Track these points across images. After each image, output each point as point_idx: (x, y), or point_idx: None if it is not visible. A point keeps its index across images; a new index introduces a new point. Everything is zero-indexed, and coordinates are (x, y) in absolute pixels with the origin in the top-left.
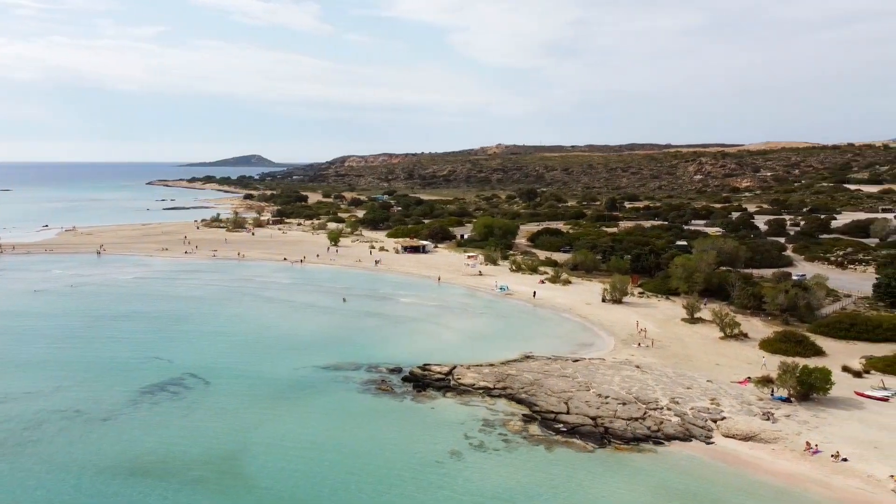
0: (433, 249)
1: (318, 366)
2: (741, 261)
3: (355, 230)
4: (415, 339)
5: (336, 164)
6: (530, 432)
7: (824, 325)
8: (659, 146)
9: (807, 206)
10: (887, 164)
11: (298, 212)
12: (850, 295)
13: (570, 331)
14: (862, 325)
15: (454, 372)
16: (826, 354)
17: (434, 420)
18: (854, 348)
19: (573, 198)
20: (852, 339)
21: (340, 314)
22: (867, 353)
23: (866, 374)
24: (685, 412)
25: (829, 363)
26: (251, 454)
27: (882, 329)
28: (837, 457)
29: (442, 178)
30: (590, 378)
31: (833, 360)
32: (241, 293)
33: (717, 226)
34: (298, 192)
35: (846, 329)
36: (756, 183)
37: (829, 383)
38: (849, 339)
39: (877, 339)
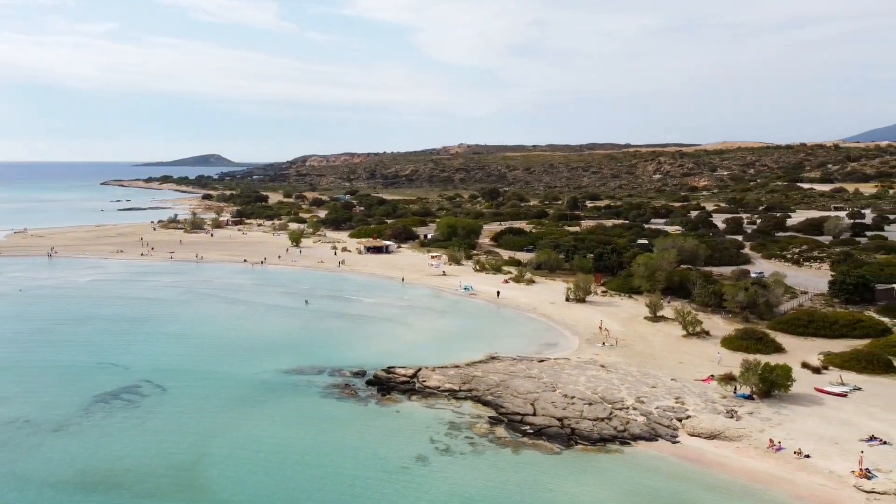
0: (396, 250)
1: (279, 370)
2: (701, 259)
3: (317, 231)
4: (379, 341)
5: (297, 163)
6: (497, 435)
7: (783, 322)
8: (618, 146)
9: (763, 205)
10: (838, 163)
11: (259, 212)
12: (807, 292)
13: (535, 330)
14: (819, 321)
15: (419, 374)
16: (786, 351)
17: (399, 424)
18: (812, 344)
19: (535, 197)
20: (810, 336)
21: (302, 316)
22: (825, 349)
23: (825, 370)
24: (651, 411)
25: (788, 360)
26: (210, 464)
27: (838, 325)
28: (800, 453)
29: (404, 178)
30: (555, 378)
31: (792, 357)
32: (200, 296)
33: (677, 224)
34: (259, 192)
35: (804, 326)
36: (713, 182)
37: (791, 380)
38: (807, 335)
39: (833, 336)
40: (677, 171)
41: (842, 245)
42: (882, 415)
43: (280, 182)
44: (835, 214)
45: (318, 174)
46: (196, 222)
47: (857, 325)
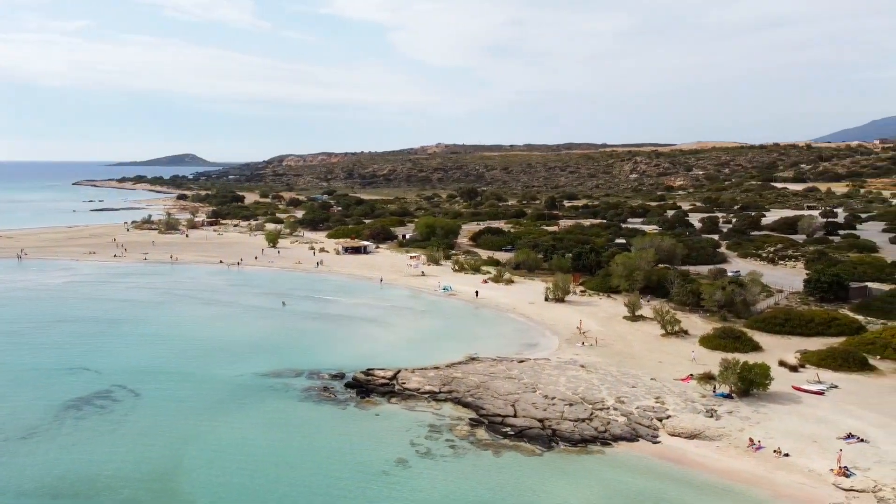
0: (375, 250)
1: (257, 373)
2: (678, 258)
3: (294, 231)
4: (357, 342)
5: (274, 163)
6: (478, 437)
7: (760, 321)
8: (595, 145)
9: (737, 204)
10: (810, 163)
11: (235, 212)
12: (783, 290)
13: (515, 331)
14: (795, 320)
15: (399, 376)
16: (763, 349)
17: (379, 427)
18: (789, 343)
19: (513, 197)
20: (787, 334)
21: (280, 318)
22: (801, 347)
23: (802, 368)
24: (631, 411)
25: (765, 358)
26: (186, 470)
27: (814, 324)
28: (779, 452)
29: (382, 178)
30: (536, 379)
31: (770, 355)
32: (175, 298)
33: (654, 224)
34: (235, 192)
35: (781, 324)
36: (689, 181)
37: (769, 379)
38: (783, 333)
39: (809, 334)
40: (653, 171)
41: (815, 244)
42: (858, 412)
43: (256, 182)
44: (808, 214)
45: (295, 174)
46: (171, 223)
47: (833, 324)
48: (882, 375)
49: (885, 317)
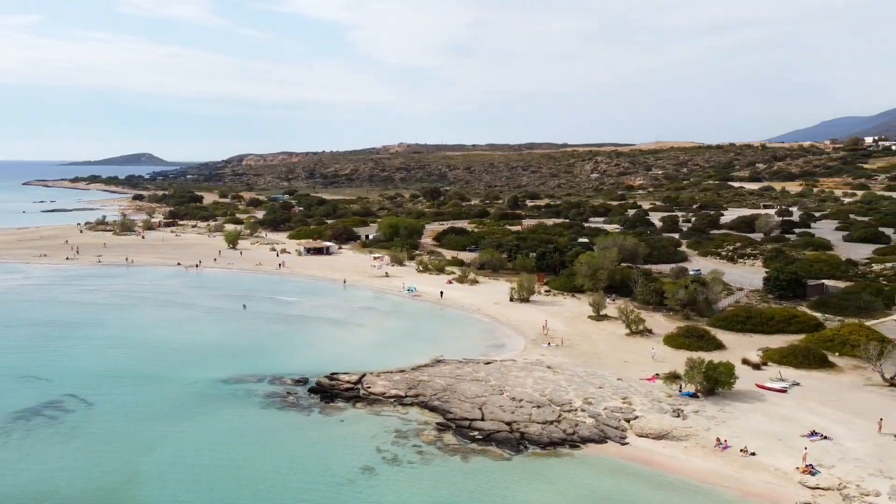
0: (337, 251)
1: (216, 379)
2: (641, 257)
3: (255, 232)
4: (321, 346)
5: (233, 162)
6: (445, 442)
7: (722, 319)
8: (556, 145)
9: (696, 203)
10: (765, 162)
11: (193, 213)
12: (742, 288)
13: (480, 332)
14: (756, 317)
15: (364, 380)
16: (726, 348)
17: (344, 434)
18: (750, 341)
19: (476, 196)
20: (748, 332)
21: (241, 322)
22: (763, 344)
23: (764, 366)
24: (599, 413)
25: (729, 356)
26: (143, 483)
27: (775, 321)
28: (746, 451)
29: (344, 178)
30: (502, 381)
31: (732, 354)
32: (130, 301)
33: (616, 223)
34: (193, 192)
35: (742, 322)
36: (648, 181)
37: (734, 378)
38: (745, 331)
39: (770, 331)
40: (614, 171)
41: (773, 242)
42: (820, 409)
43: (215, 182)
44: (765, 212)
45: (255, 174)
46: (126, 224)
47: (793, 321)
48: (841, 372)
49: (842, 313)
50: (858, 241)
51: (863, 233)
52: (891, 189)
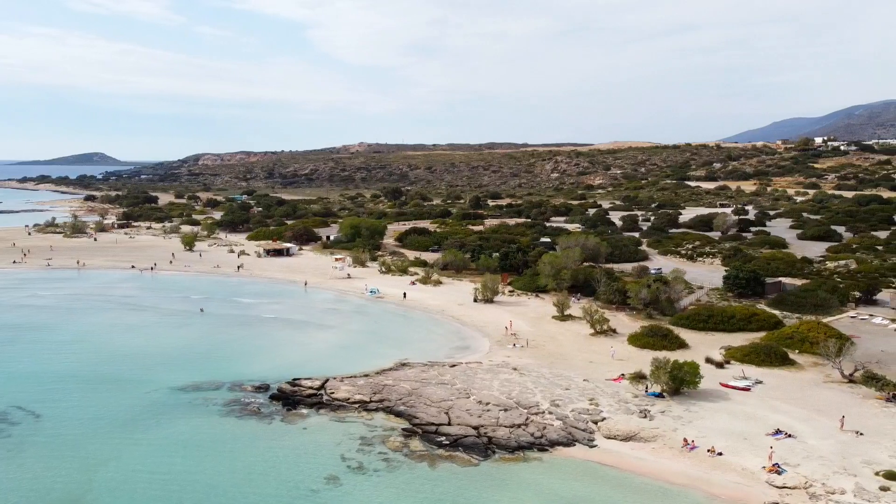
0: (298, 252)
1: (173, 387)
2: (603, 256)
3: (212, 233)
4: (282, 351)
5: (189, 162)
6: (412, 448)
7: (684, 318)
8: (517, 145)
9: (655, 203)
10: (720, 162)
11: (148, 214)
12: (703, 287)
13: (445, 334)
14: (718, 316)
15: (327, 385)
16: (689, 346)
17: (307, 442)
18: (713, 339)
19: (438, 196)
20: (710, 330)
21: (198, 327)
22: (724, 343)
23: (727, 364)
24: (566, 415)
25: (692, 355)
26: (96, 498)
27: (735, 320)
28: (713, 451)
29: (304, 177)
30: (469, 384)
31: (696, 352)
32: (81, 307)
33: (577, 222)
34: (148, 192)
35: (704, 321)
36: (607, 180)
37: (699, 377)
38: (707, 329)
39: (732, 329)
40: (573, 170)
41: (730, 241)
42: (784, 407)
43: (171, 182)
44: (722, 211)
45: (213, 173)
46: (77, 226)
47: (753, 319)
48: (802, 369)
49: (799, 311)
50: (812, 239)
51: (816, 231)
52: (840, 188)
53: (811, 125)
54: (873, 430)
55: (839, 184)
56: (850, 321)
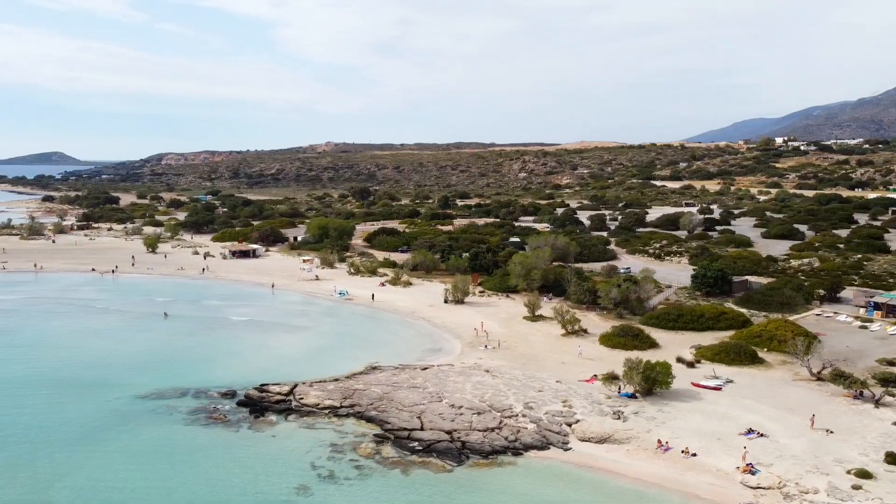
0: (265, 253)
1: (135, 395)
2: (572, 256)
3: (176, 234)
4: (249, 355)
5: (152, 161)
6: (384, 455)
7: (654, 317)
8: (484, 145)
9: (622, 202)
10: (685, 162)
11: (109, 215)
12: (671, 286)
13: (416, 336)
14: (687, 315)
15: (296, 391)
16: (660, 346)
17: (276, 450)
18: (683, 338)
19: (406, 196)
20: (680, 329)
21: (161, 332)
22: (694, 342)
23: (698, 363)
24: (540, 417)
25: (663, 354)
26: None
27: (705, 318)
28: (687, 452)
29: (270, 177)
30: (441, 387)
31: (666, 352)
32: (39, 311)
33: (545, 222)
34: (109, 192)
35: (674, 320)
36: (574, 180)
37: (671, 377)
38: (677, 329)
39: (701, 328)
40: (541, 170)
41: (697, 239)
42: (755, 406)
43: (133, 182)
44: (688, 210)
45: (176, 173)
46: (35, 227)
47: (722, 318)
48: (771, 368)
49: (766, 309)
50: (775, 237)
51: (779, 230)
52: (801, 187)
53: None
54: (843, 428)
55: (800, 183)
56: (816, 319)
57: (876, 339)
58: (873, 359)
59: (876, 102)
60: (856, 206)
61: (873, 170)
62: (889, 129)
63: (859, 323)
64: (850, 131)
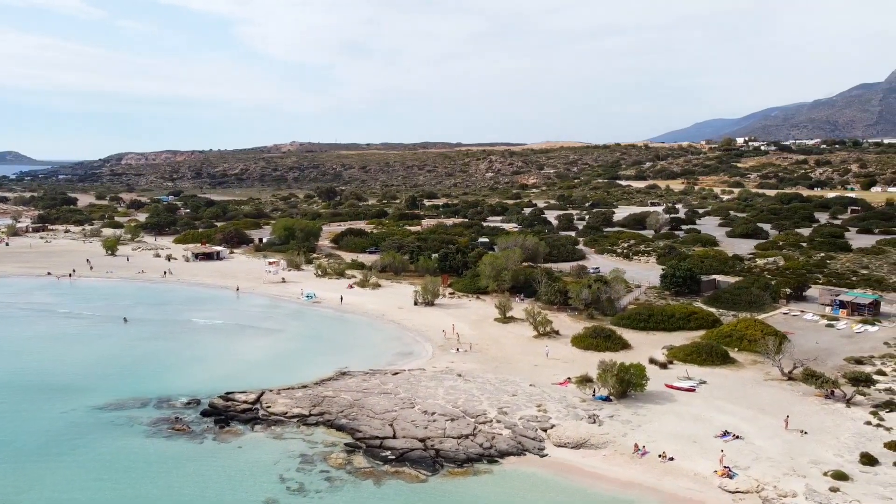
0: (229, 255)
1: (93, 406)
2: (541, 256)
3: (136, 236)
4: (214, 362)
5: (111, 161)
6: (356, 465)
7: (626, 318)
8: (450, 145)
9: (589, 201)
10: (649, 162)
11: (66, 217)
12: (640, 285)
13: (386, 339)
14: (658, 315)
15: (263, 399)
16: (632, 347)
17: (242, 463)
18: (654, 339)
19: (373, 196)
20: (651, 330)
21: (121, 338)
22: (665, 342)
23: (670, 364)
24: (515, 423)
25: (635, 355)
26: None
27: (675, 319)
28: (664, 456)
29: (234, 177)
30: (413, 393)
31: (639, 353)
32: None
33: (514, 222)
34: (66, 193)
35: (645, 320)
36: (541, 180)
37: (645, 379)
38: (648, 329)
39: (672, 328)
40: (508, 170)
41: (663, 239)
42: (728, 407)
43: (92, 182)
44: (654, 210)
45: (137, 173)
46: None
47: (692, 318)
48: (742, 368)
49: (734, 308)
50: (740, 236)
51: (744, 229)
52: (763, 186)
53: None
54: (816, 429)
55: (761, 182)
56: (783, 318)
57: (842, 337)
58: (841, 357)
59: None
60: (816, 206)
61: (831, 169)
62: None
63: (825, 321)
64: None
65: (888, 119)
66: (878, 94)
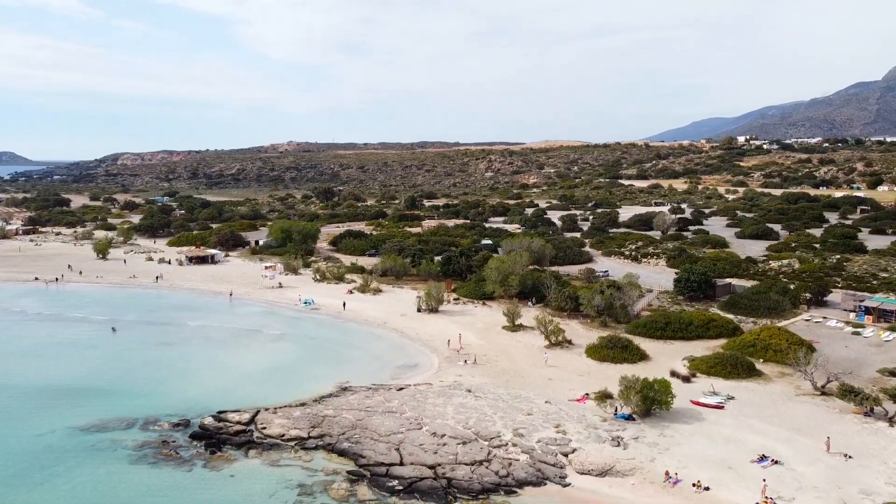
0: (224, 259)
1: (73, 426)
2: (548, 259)
3: (129, 239)
4: (205, 376)
5: (107, 162)
6: (360, 497)
7: (641, 326)
8: (449, 144)
9: (591, 201)
10: (650, 161)
11: (58, 218)
12: (652, 290)
13: (389, 349)
14: (675, 323)
15: (258, 419)
16: (650, 358)
17: (235, 494)
18: (672, 348)
19: (372, 196)
20: (668, 339)
21: (108, 349)
22: (684, 352)
23: (693, 377)
24: (532, 447)
25: (654, 368)
26: None
27: (693, 326)
28: (699, 486)
29: (230, 178)
30: (420, 411)
31: (658, 364)
32: None
33: (516, 222)
34: (60, 194)
35: (662, 328)
36: (541, 179)
37: (671, 396)
38: (665, 338)
39: (690, 337)
40: (507, 169)
41: (671, 240)
42: (761, 426)
43: (86, 183)
44: (660, 210)
45: (132, 174)
46: None
47: (711, 325)
48: (770, 381)
49: (753, 314)
50: (750, 237)
51: (753, 229)
52: (767, 186)
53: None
54: (860, 452)
55: (766, 182)
56: (805, 324)
57: (871, 346)
58: (873, 368)
59: (828, 102)
60: (824, 205)
61: (836, 168)
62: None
63: (851, 329)
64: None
65: (886, 117)
66: (876, 93)
